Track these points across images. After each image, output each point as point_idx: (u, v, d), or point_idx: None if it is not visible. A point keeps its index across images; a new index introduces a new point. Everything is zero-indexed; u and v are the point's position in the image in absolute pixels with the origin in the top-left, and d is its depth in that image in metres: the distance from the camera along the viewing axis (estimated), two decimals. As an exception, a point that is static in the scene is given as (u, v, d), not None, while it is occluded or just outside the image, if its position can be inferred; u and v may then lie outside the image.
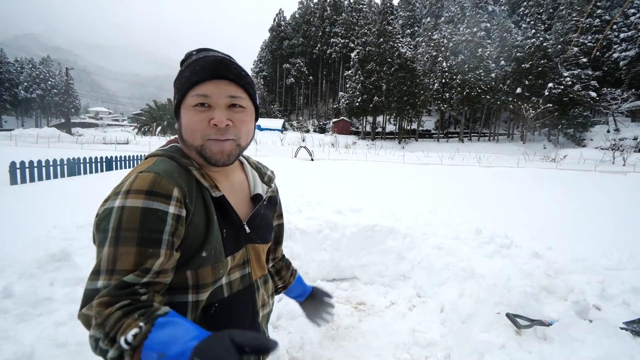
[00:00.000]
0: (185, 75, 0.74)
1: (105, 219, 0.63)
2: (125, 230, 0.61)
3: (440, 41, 51.40)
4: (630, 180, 16.32)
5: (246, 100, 0.77)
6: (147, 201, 0.63)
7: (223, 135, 0.73)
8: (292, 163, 19.05)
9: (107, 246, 0.61)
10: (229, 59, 0.76)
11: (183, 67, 0.78)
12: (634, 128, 39.92)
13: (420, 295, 3.45)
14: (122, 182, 0.68)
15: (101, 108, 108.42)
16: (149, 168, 0.69)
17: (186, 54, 0.81)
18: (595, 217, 6.81)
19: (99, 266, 0.60)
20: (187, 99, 0.73)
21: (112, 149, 24.11)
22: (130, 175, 0.69)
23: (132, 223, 0.62)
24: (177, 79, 0.77)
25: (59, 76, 68.74)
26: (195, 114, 0.72)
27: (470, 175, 15.98)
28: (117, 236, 0.61)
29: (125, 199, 0.63)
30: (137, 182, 0.66)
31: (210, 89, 0.72)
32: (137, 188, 0.65)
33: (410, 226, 4.39)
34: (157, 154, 0.75)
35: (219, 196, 0.75)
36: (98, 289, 0.58)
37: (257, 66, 77.85)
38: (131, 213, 0.62)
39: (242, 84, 0.75)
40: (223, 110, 0.73)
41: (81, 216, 4.62)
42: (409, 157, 30.57)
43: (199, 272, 0.71)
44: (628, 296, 2.79)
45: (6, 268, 2.75)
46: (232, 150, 0.75)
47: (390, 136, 57.50)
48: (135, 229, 0.62)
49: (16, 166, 8.06)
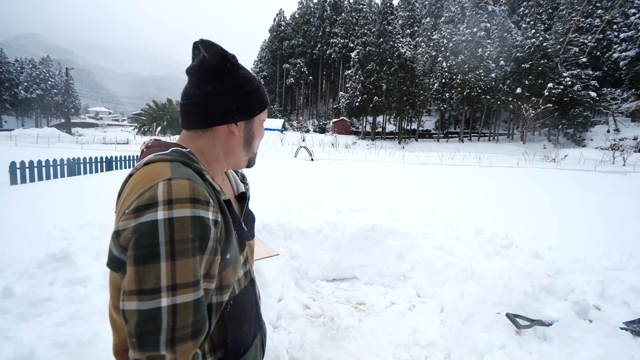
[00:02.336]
0: (261, 92, 0.83)
1: (149, 234, 0.59)
2: (179, 243, 0.59)
3: (440, 41, 51.40)
4: (630, 180, 16.32)
5: None
6: (193, 210, 0.61)
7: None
8: (292, 163, 19.05)
9: (163, 261, 0.58)
10: None
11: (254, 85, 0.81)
12: (634, 128, 39.92)
13: (420, 295, 3.45)
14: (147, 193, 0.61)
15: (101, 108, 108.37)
16: (177, 175, 0.64)
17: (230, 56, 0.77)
18: (595, 217, 6.81)
19: (157, 284, 0.57)
20: (262, 114, 0.84)
21: (112, 149, 24.10)
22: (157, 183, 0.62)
23: (185, 234, 0.60)
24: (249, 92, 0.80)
25: (59, 76, 68.77)
26: (263, 131, 0.88)
27: (470, 175, 15.99)
28: (173, 250, 0.59)
29: (171, 209, 0.59)
30: (176, 189, 0.61)
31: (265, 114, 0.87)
32: (181, 196, 0.61)
33: (410, 226, 4.39)
34: (165, 159, 0.69)
35: (227, 199, 0.76)
36: (160, 309, 0.57)
37: (257, 66, 77.82)
38: (182, 224, 0.60)
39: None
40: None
41: (81, 216, 4.62)
42: (409, 157, 30.57)
43: (223, 274, 0.73)
44: (628, 296, 2.79)
45: (6, 268, 2.75)
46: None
47: (390, 136, 57.50)
48: (188, 239, 0.60)
49: (16, 166, 8.06)
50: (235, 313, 0.78)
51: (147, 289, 0.57)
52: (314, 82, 74.29)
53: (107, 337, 2.10)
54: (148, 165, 0.68)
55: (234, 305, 0.78)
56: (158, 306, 0.57)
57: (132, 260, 0.58)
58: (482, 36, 48.14)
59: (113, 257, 0.62)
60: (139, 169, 0.68)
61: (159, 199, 0.60)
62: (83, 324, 2.20)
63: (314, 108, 75.59)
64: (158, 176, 0.63)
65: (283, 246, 3.89)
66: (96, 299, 2.50)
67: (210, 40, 0.76)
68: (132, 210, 0.60)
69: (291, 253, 3.89)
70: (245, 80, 0.79)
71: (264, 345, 0.95)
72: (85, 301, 2.47)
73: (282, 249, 3.77)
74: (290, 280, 3.46)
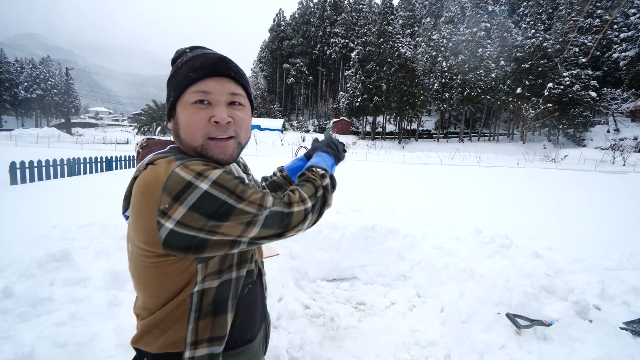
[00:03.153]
0: (183, 72, 0.73)
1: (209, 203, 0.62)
2: (236, 187, 0.65)
3: (440, 41, 51.39)
4: (630, 180, 16.32)
5: (245, 99, 0.78)
6: (217, 170, 0.66)
7: (224, 132, 0.72)
8: (292, 163, 19.03)
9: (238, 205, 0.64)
10: (227, 57, 0.77)
11: (178, 64, 0.76)
12: (634, 128, 39.91)
13: (420, 295, 3.44)
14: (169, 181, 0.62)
15: (101, 108, 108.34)
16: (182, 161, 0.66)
17: (177, 52, 0.79)
18: (595, 217, 6.81)
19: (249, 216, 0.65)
20: (185, 96, 0.72)
21: (112, 149, 24.10)
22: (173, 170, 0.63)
23: (232, 181, 0.66)
24: (173, 76, 0.75)
25: (59, 76, 68.75)
26: (195, 111, 0.71)
27: (470, 175, 15.98)
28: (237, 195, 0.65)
29: (206, 177, 0.64)
30: (194, 166, 0.65)
31: (212, 85, 0.71)
32: (203, 168, 0.65)
33: (410, 226, 4.39)
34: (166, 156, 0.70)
35: None
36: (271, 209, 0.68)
37: (257, 66, 77.81)
38: (224, 178, 0.65)
39: (242, 82, 0.77)
40: (224, 107, 0.73)
41: (81, 216, 4.62)
42: (409, 157, 30.57)
43: (241, 252, 0.78)
44: (628, 296, 2.79)
45: (6, 268, 2.75)
46: (234, 149, 0.76)
47: (390, 136, 57.50)
48: (237, 182, 0.67)
49: (16, 166, 8.06)
50: (251, 296, 0.84)
51: (247, 221, 0.65)
52: (314, 82, 74.29)
53: (107, 337, 2.10)
54: (152, 164, 0.68)
55: (252, 288, 0.84)
56: (264, 217, 0.66)
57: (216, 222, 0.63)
58: (482, 36, 48.14)
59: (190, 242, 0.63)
60: (143, 170, 0.68)
61: (188, 177, 0.63)
62: (83, 324, 2.20)
63: (314, 108, 75.57)
64: (169, 168, 0.65)
65: (283, 246, 3.89)
66: (96, 299, 2.50)
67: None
68: (172, 201, 0.61)
69: (291, 253, 3.89)
70: (182, 63, 0.75)
71: (268, 337, 0.98)
72: (85, 301, 2.46)
73: (282, 249, 3.77)
74: (290, 280, 3.46)
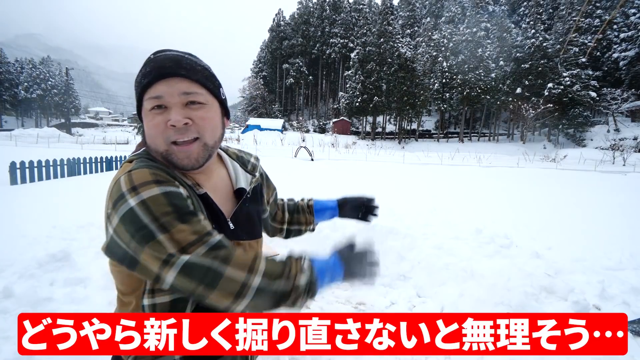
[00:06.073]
0: (137, 80, 0.71)
1: (131, 222, 0.59)
2: (163, 216, 0.59)
3: (440, 41, 51.40)
4: (630, 180, 16.32)
5: (205, 96, 0.73)
6: (161, 187, 0.62)
7: (184, 135, 0.69)
8: (292, 163, 19.06)
9: (158, 236, 0.59)
10: (181, 55, 0.73)
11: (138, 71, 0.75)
12: (634, 128, 39.92)
13: (420, 295, 3.44)
14: (113, 188, 0.64)
15: (101, 108, 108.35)
16: (136, 167, 0.66)
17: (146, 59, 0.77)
18: (595, 217, 6.80)
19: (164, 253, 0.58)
20: (143, 103, 0.71)
21: (112, 149, 24.10)
22: (119, 178, 0.65)
23: (163, 207, 0.60)
24: (134, 84, 0.74)
25: (59, 76, 68.76)
26: (152, 117, 0.69)
27: (470, 175, 15.99)
28: (161, 224, 0.59)
29: (138, 193, 0.60)
30: (136, 177, 0.63)
31: (162, 88, 0.68)
32: (142, 181, 0.62)
33: (410, 226, 4.39)
34: (131, 160, 0.72)
35: (202, 194, 0.74)
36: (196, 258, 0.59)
37: (257, 66, 77.85)
38: (155, 200, 0.60)
39: (196, 78, 0.71)
40: (179, 109, 0.69)
41: (81, 216, 4.62)
42: (409, 157, 30.57)
43: None
44: (628, 296, 2.79)
45: (6, 268, 2.75)
46: (200, 153, 0.72)
47: (390, 136, 57.51)
48: (170, 211, 0.60)
49: (16, 166, 8.05)
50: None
51: (164, 259, 0.58)
52: (314, 82, 74.30)
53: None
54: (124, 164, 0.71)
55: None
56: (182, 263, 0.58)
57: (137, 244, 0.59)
58: (482, 36, 48.17)
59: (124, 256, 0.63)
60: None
61: (123, 189, 0.62)
62: (83, 324, 2.20)
63: (314, 108, 75.59)
64: (122, 172, 0.66)
65: (283, 246, 3.89)
66: (96, 299, 2.50)
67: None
68: (112, 209, 0.63)
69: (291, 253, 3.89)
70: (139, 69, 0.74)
71: None
72: (85, 301, 2.46)
73: (282, 249, 3.76)
74: (290, 280, 3.46)
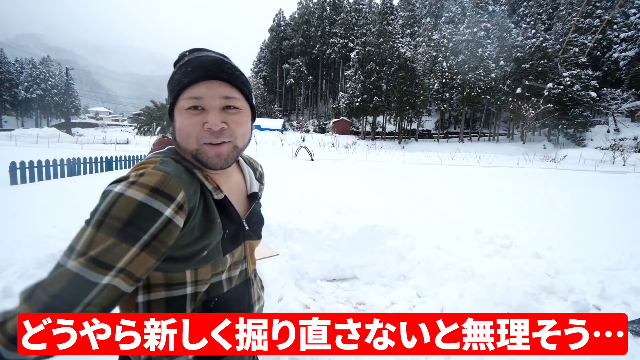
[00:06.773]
0: (177, 77, 0.72)
1: (100, 199, 0.61)
2: (111, 218, 0.59)
3: (440, 41, 51.42)
4: (630, 180, 16.32)
5: (241, 101, 0.75)
6: (148, 197, 0.60)
7: (218, 138, 0.71)
8: (292, 163, 19.06)
9: (90, 227, 0.59)
10: (222, 58, 0.74)
11: (175, 68, 0.75)
12: (634, 128, 39.93)
13: (420, 295, 3.45)
14: (130, 173, 0.65)
15: (101, 108, 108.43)
16: (158, 167, 0.66)
17: (179, 55, 0.79)
18: (595, 217, 6.80)
19: (76, 244, 0.58)
20: (179, 101, 0.71)
21: (112, 149, 24.10)
22: (139, 168, 0.66)
23: (121, 213, 0.59)
24: (170, 80, 0.75)
25: (59, 76, 68.79)
26: (189, 117, 0.70)
27: (470, 175, 15.98)
28: (102, 221, 0.59)
29: (128, 187, 0.61)
30: (146, 177, 0.63)
31: (203, 90, 0.69)
32: (144, 182, 0.62)
33: (410, 226, 4.39)
34: (158, 157, 0.72)
35: (221, 198, 0.76)
36: (66, 269, 0.56)
37: (257, 66, 77.87)
38: (126, 203, 0.59)
39: (236, 84, 0.73)
40: (217, 112, 0.71)
41: (81, 216, 4.61)
42: (409, 157, 30.58)
43: (199, 271, 0.73)
44: (628, 296, 2.79)
45: (6, 268, 2.75)
46: (230, 154, 0.74)
47: (390, 136, 57.52)
48: (121, 220, 0.59)
49: (16, 166, 8.05)
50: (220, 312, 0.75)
51: (70, 245, 0.59)
52: (314, 82, 74.32)
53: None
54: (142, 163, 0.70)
55: (219, 302, 0.77)
56: (65, 266, 0.57)
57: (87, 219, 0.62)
58: (482, 36, 48.18)
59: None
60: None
61: (130, 178, 0.63)
62: (83, 324, 2.20)
63: (314, 108, 75.61)
64: (148, 165, 0.67)
65: (283, 246, 3.89)
66: (96, 299, 2.50)
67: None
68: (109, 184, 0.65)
69: (291, 253, 3.90)
70: (178, 67, 0.74)
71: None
72: (85, 301, 2.46)
73: (282, 249, 3.77)
74: (290, 280, 3.46)
